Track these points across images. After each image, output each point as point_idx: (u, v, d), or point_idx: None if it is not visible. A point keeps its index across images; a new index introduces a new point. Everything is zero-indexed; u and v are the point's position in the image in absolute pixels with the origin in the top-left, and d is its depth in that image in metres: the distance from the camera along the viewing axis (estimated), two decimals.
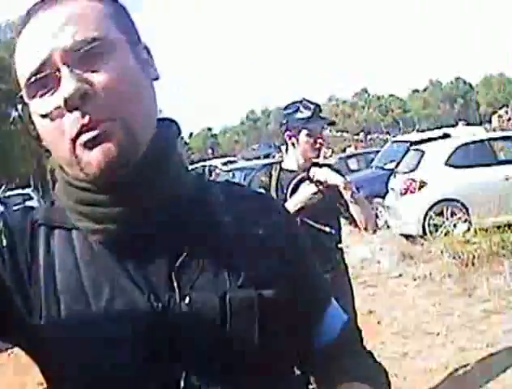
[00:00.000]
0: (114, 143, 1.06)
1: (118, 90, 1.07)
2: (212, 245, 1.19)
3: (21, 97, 1.12)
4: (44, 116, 1.08)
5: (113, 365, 1.07)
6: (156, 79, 1.21)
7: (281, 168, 4.02)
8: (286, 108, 4.07)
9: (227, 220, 1.22)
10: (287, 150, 4.10)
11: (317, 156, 3.97)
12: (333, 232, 3.88)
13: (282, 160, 4.13)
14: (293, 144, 3.96)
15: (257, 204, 1.32)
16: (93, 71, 1.06)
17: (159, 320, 1.09)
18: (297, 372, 1.36)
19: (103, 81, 1.06)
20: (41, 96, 1.08)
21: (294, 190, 3.84)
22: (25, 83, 1.08)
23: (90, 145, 1.06)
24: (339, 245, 4.02)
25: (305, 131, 3.90)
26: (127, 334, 1.08)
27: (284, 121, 4.03)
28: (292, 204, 3.68)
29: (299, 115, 3.92)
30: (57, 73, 1.05)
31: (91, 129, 1.05)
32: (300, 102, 3.97)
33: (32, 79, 1.07)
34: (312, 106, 3.92)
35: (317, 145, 3.90)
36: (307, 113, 3.89)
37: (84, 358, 1.08)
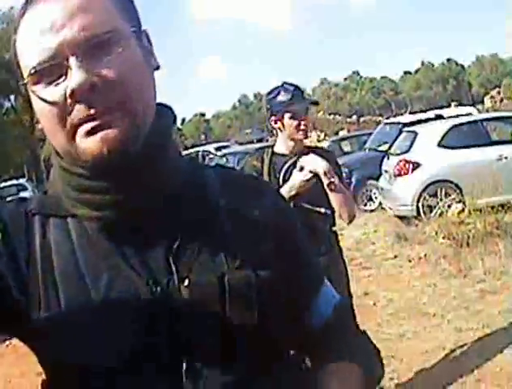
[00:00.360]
0: (116, 132, 1.07)
1: (125, 82, 1.08)
2: (209, 228, 1.20)
3: (24, 84, 1.11)
4: (48, 103, 1.08)
5: (114, 349, 1.08)
6: (157, 68, 1.22)
7: (273, 153, 4.01)
8: (268, 94, 4.08)
9: (222, 203, 1.24)
10: (272, 134, 4.11)
11: (305, 137, 3.96)
12: (328, 212, 3.88)
13: (274, 144, 4.11)
14: (279, 128, 3.96)
15: (250, 187, 1.34)
16: (102, 63, 1.07)
17: (158, 303, 1.10)
18: (291, 351, 1.37)
19: (111, 73, 1.07)
20: (48, 83, 1.08)
21: (286, 175, 3.84)
22: (30, 71, 1.08)
23: (91, 133, 1.07)
24: (333, 228, 4.03)
25: (288, 114, 3.89)
26: (127, 318, 1.09)
27: (268, 107, 4.04)
28: (286, 191, 3.67)
29: (280, 98, 3.92)
30: (66, 63, 1.05)
31: (95, 119, 1.06)
32: (282, 86, 3.97)
33: (39, 67, 1.06)
34: (291, 88, 3.92)
35: (302, 126, 3.89)
36: (287, 96, 3.89)
37: (84, 344, 1.08)
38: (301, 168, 3.72)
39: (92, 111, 1.05)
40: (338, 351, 1.31)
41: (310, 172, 3.67)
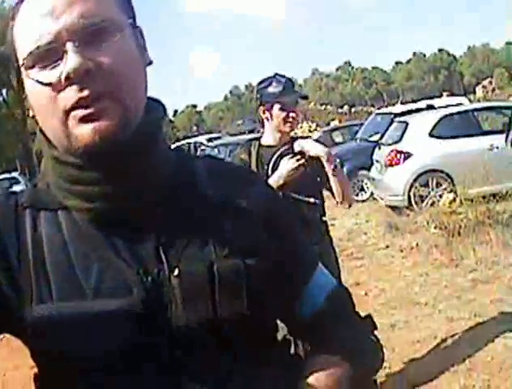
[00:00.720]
0: (108, 122, 1.08)
1: (119, 71, 1.10)
2: (197, 218, 1.22)
3: (18, 68, 1.14)
4: (42, 84, 1.09)
5: (106, 341, 1.09)
6: (150, 63, 1.25)
7: (260, 145, 4.03)
8: (259, 83, 4.09)
9: (210, 192, 1.25)
10: (263, 125, 4.11)
11: (291, 130, 3.99)
12: (317, 202, 3.91)
13: (261, 136, 4.13)
14: (267, 119, 3.98)
15: (238, 177, 1.36)
16: (97, 50, 1.09)
17: (149, 293, 1.11)
18: (279, 337, 1.37)
19: (106, 61, 1.09)
20: (43, 67, 1.09)
21: (275, 166, 3.86)
22: (27, 54, 1.09)
23: (84, 121, 1.08)
24: (323, 218, 4.04)
25: (277, 105, 3.91)
26: (118, 309, 1.09)
27: (258, 96, 4.05)
28: (274, 181, 3.70)
29: (271, 89, 3.94)
30: (63, 48, 1.07)
31: (88, 106, 1.08)
32: (274, 77, 3.99)
33: (36, 51, 1.08)
34: (283, 80, 3.95)
35: (290, 119, 3.91)
36: (279, 88, 3.91)
37: (75, 336, 1.08)
38: (299, 153, 3.75)
39: (85, 93, 1.06)
40: (327, 341, 1.31)
41: (310, 157, 3.69)
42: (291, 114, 3.90)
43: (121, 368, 1.10)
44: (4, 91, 49.70)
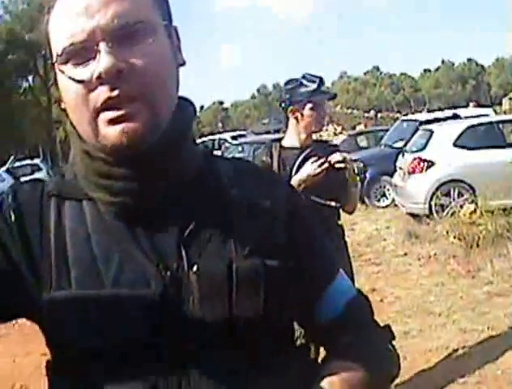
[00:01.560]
0: (137, 124, 1.10)
1: (152, 73, 1.11)
2: (220, 217, 1.23)
3: (53, 64, 1.15)
4: (75, 81, 1.10)
5: (123, 333, 1.11)
6: (183, 64, 1.25)
7: (281, 146, 4.01)
8: (287, 83, 4.06)
9: (234, 192, 1.26)
10: (286, 126, 4.09)
11: (320, 130, 4.00)
12: (338, 205, 3.94)
13: (282, 138, 4.11)
14: (296, 119, 3.95)
15: (263, 178, 1.37)
16: (131, 51, 1.10)
17: (167, 287, 1.12)
18: (298, 342, 1.38)
19: (138, 62, 1.10)
20: (76, 64, 1.11)
21: (299, 169, 3.85)
22: (61, 50, 1.11)
23: (113, 122, 1.10)
24: (339, 222, 4.05)
25: (309, 105, 3.90)
26: (136, 302, 1.11)
27: (287, 96, 4.01)
28: (296, 182, 3.70)
29: (303, 89, 3.92)
30: (96, 47, 1.08)
31: (118, 107, 1.09)
32: (303, 77, 3.97)
33: (70, 48, 1.09)
34: (316, 79, 3.92)
35: (321, 119, 3.91)
36: (312, 86, 3.90)
37: (91, 326, 1.10)
38: (319, 157, 3.77)
39: (115, 93, 1.08)
40: (344, 347, 1.30)
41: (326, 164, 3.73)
42: (321, 113, 3.91)
43: (134, 358, 1.11)
44: (30, 78, 49.94)
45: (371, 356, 1.30)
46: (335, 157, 3.79)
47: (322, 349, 1.42)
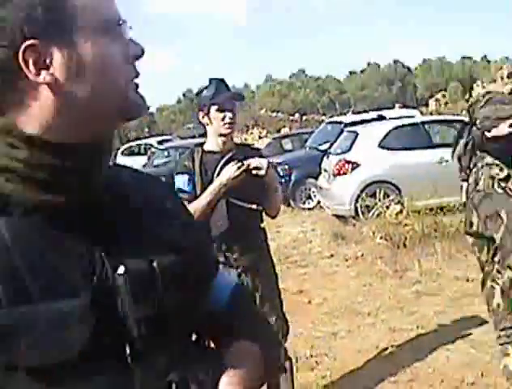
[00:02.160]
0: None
1: None
2: (134, 221, 1.26)
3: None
4: (112, 52, 1.16)
5: (60, 347, 1.07)
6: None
7: (203, 151, 4.03)
8: (197, 91, 4.16)
9: (139, 198, 1.31)
10: (205, 132, 4.14)
11: (231, 132, 3.98)
12: (259, 208, 3.96)
13: (204, 143, 4.13)
14: (207, 123, 3.99)
15: (157, 187, 1.46)
16: None
17: (97, 294, 1.12)
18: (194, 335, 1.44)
19: None
20: (111, 38, 1.17)
21: (221, 172, 3.87)
22: (96, 22, 1.14)
23: (136, 91, 1.22)
24: (261, 225, 4.10)
25: (214, 107, 3.93)
26: (69, 314, 1.08)
27: (196, 103, 4.13)
28: (215, 186, 3.75)
29: (205, 93, 3.99)
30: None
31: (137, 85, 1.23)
32: (209, 81, 4.05)
33: (103, 24, 1.15)
34: (215, 81, 4.02)
35: (227, 119, 3.90)
36: (212, 89, 3.97)
37: (29, 341, 1.05)
38: (240, 160, 3.79)
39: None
40: (239, 332, 1.41)
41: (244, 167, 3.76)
42: (228, 114, 3.90)
43: (76, 369, 1.08)
44: None
45: (261, 334, 1.46)
46: (253, 162, 3.81)
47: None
